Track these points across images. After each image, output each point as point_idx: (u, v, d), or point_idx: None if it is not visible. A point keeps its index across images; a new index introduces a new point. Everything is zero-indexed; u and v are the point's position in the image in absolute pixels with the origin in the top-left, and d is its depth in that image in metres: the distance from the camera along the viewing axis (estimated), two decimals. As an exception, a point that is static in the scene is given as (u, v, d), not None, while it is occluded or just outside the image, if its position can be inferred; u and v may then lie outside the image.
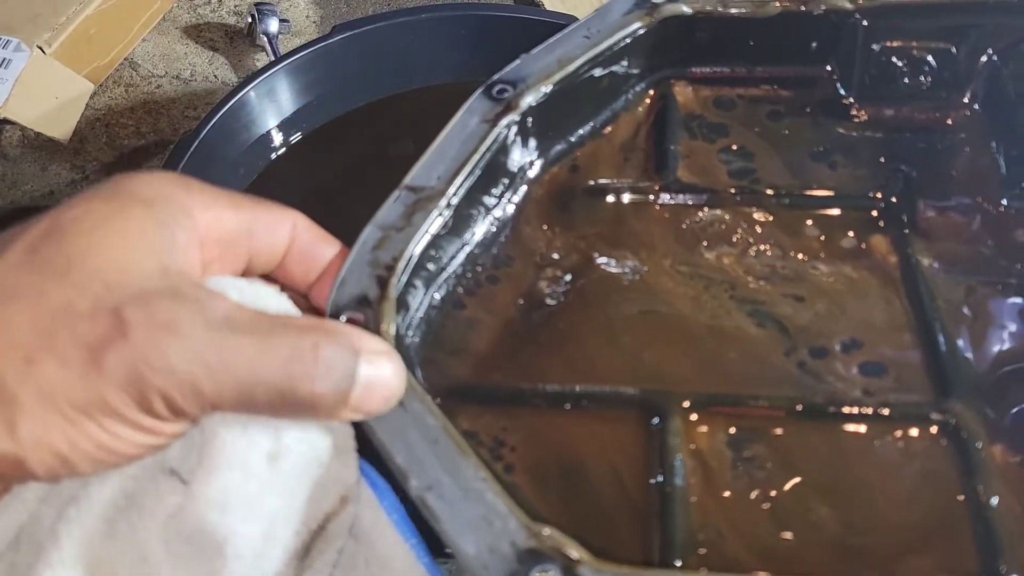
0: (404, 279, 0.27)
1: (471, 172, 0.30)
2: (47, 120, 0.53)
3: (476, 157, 0.30)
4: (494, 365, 0.29)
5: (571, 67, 0.33)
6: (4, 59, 0.51)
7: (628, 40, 0.34)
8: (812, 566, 0.25)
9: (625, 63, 0.35)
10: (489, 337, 0.30)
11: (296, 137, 0.52)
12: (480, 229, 0.32)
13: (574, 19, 0.53)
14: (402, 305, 0.27)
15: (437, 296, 0.30)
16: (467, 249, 0.31)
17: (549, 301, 0.31)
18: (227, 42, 0.63)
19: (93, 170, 0.55)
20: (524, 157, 0.34)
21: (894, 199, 0.33)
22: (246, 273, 0.26)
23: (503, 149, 0.32)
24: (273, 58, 0.57)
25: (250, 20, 0.61)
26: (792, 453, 0.27)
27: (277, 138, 0.52)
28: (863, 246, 0.32)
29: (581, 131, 0.35)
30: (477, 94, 0.32)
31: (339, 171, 0.52)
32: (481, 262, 0.32)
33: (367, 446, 0.25)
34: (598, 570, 0.22)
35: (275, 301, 0.25)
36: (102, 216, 0.22)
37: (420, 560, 0.27)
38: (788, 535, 0.26)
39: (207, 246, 0.24)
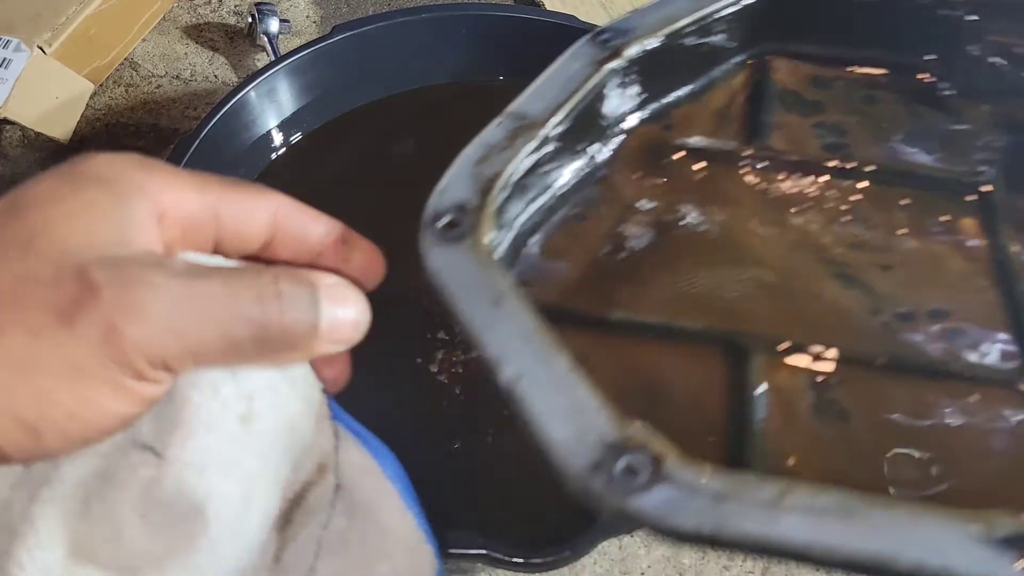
0: (503, 195, 0.28)
1: (571, 110, 0.30)
2: (47, 120, 0.53)
3: (578, 96, 0.31)
4: (577, 293, 0.30)
5: (676, 25, 0.33)
6: (4, 59, 0.51)
7: (735, 9, 0.34)
8: None
9: (728, 32, 0.35)
10: (573, 267, 0.30)
11: (296, 137, 0.52)
12: (573, 166, 0.32)
13: (574, 19, 0.54)
14: (496, 220, 0.28)
15: (527, 220, 0.31)
16: (559, 182, 0.31)
17: (633, 244, 0.32)
18: (227, 42, 0.63)
19: (93, 170, 0.55)
20: (621, 106, 0.34)
21: (988, 188, 0.34)
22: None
23: (602, 95, 0.32)
24: (273, 58, 0.57)
25: (250, 20, 0.61)
26: (873, 402, 0.27)
27: (277, 138, 0.52)
28: (953, 227, 0.33)
29: (678, 92, 0.35)
30: (583, 40, 0.32)
31: (339, 171, 0.52)
32: (570, 198, 0.32)
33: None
34: (684, 465, 0.21)
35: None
36: (61, 194, 0.22)
37: (421, 528, 0.27)
38: (864, 476, 0.25)
39: (168, 226, 0.23)
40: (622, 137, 0.34)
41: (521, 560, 0.34)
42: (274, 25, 0.60)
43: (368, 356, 0.45)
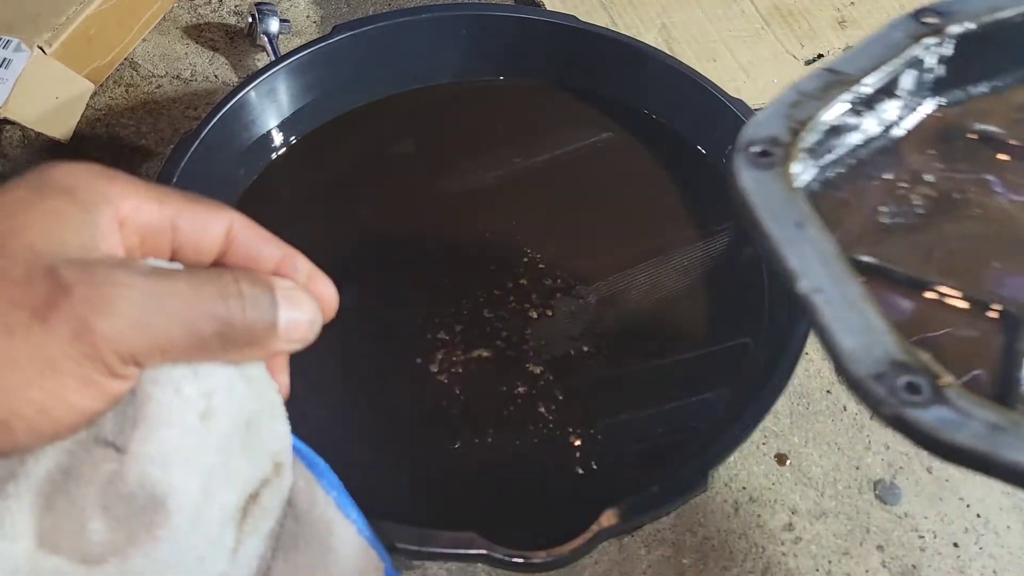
0: (811, 138, 0.30)
1: (884, 76, 0.32)
2: (47, 120, 0.53)
3: (892, 64, 0.33)
4: (857, 245, 0.30)
5: (1000, 15, 0.33)
6: (4, 59, 0.51)
7: None
8: None
9: None
10: (857, 221, 0.32)
11: (296, 137, 0.52)
12: (871, 128, 0.33)
13: (574, 19, 0.54)
14: (801, 157, 0.30)
15: (824, 168, 0.32)
16: (855, 140, 0.33)
17: (918, 211, 0.32)
18: (227, 42, 0.63)
19: (93, 170, 0.55)
20: (928, 81, 0.34)
21: None
22: None
23: (914, 67, 0.34)
24: (273, 58, 0.57)
25: (250, 20, 0.61)
26: None
27: (277, 138, 0.52)
28: None
29: (984, 84, 0.36)
30: (905, 15, 0.34)
31: (339, 171, 0.52)
32: (862, 156, 0.33)
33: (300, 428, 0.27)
34: (965, 394, 0.23)
35: None
36: (30, 201, 0.23)
37: (362, 534, 0.28)
38: None
39: (127, 233, 0.25)
40: (920, 111, 0.35)
41: (521, 560, 0.34)
42: (274, 25, 0.60)
43: (368, 356, 0.45)
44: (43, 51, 0.52)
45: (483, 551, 0.34)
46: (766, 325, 0.45)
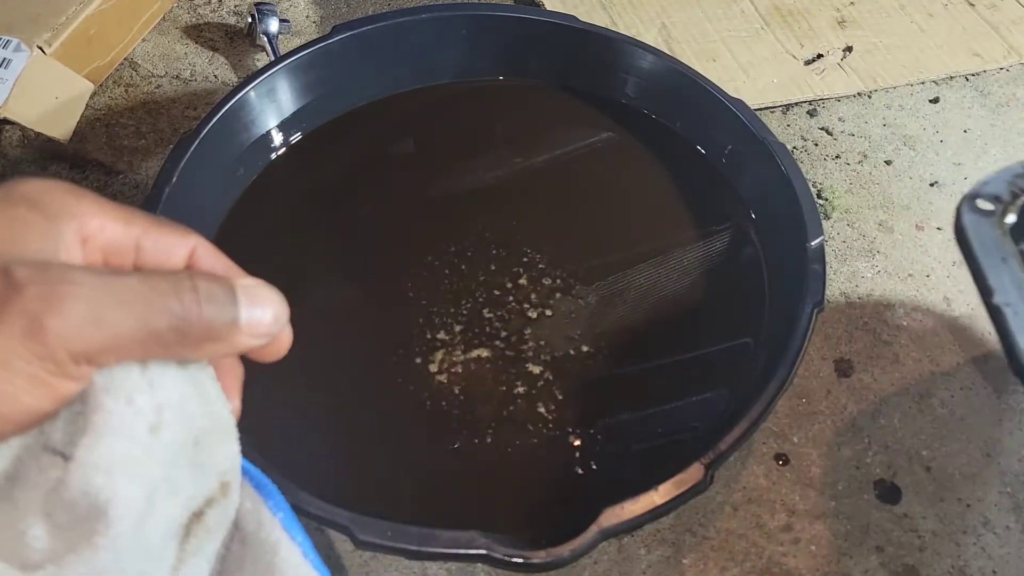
0: (1020, 202, 0.38)
1: None
2: (47, 120, 0.53)
3: None
4: None
5: None
6: (4, 59, 0.51)
7: None
8: None
9: None
10: None
11: (296, 137, 0.52)
12: None
13: (574, 19, 0.54)
14: (1014, 213, 0.38)
15: None
16: None
17: None
18: (227, 42, 0.63)
19: (93, 170, 0.55)
20: None
21: None
22: None
23: None
24: (273, 58, 0.57)
25: (250, 20, 0.61)
26: None
27: (277, 138, 0.52)
28: None
29: None
30: None
31: (339, 171, 0.52)
32: None
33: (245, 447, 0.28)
34: None
35: None
36: None
37: (307, 556, 0.28)
38: None
39: (90, 249, 0.25)
40: None
41: (521, 560, 0.34)
42: (274, 25, 0.60)
43: (369, 356, 0.45)
44: (43, 51, 0.52)
45: (483, 551, 0.34)
46: (766, 325, 0.45)
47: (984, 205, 0.38)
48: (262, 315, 0.26)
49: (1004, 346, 0.34)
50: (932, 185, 0.58)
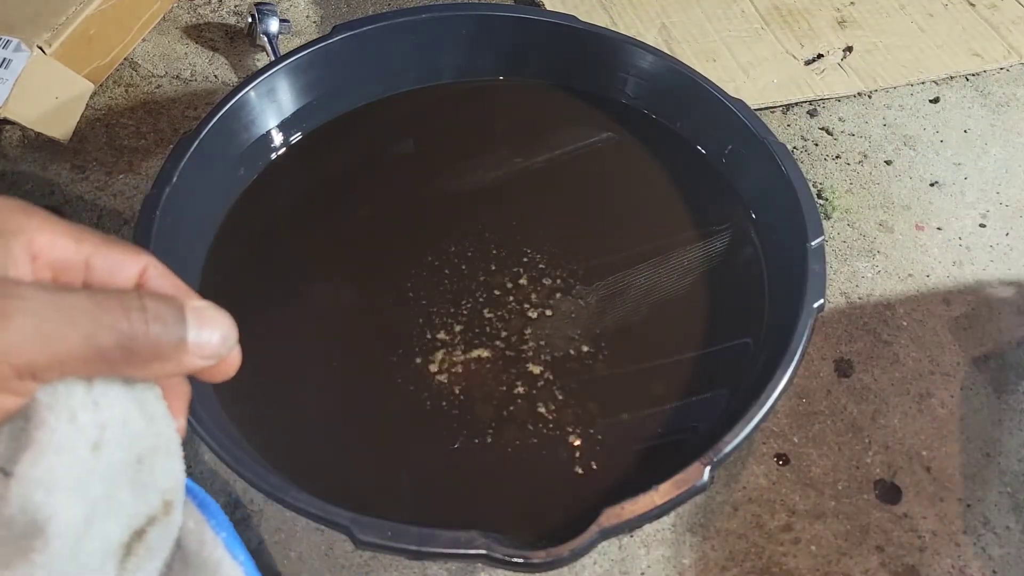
0: None
1: None
2: (47, 120, 0.53)
3: None
4: None
5: None
6: (4, 59, 0.51)
7: None
8: None
9: None
10: None
11: (296, 137, 0.52)
12: None
13: (574, 19, 0.54)
14: None
15: None
16: None
17: None
18: (227, 42, 0.63)
19: (93, 170, 0.55)
20: None
21: None
22: None
23: None
24: (273, 58, 0.57)
25: (250, 20, 0.61)
26: None
27: (277, 138, 0.52)
28: None
29: None
30: None
31: (339, 171, 0.52)
32: None
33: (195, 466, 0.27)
34: None
35: None
36: None
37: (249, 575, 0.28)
38: None
39: (39, 267, 0.25)
40: None
41: (521, 560, 0.34)
42: (274, 25, 0.60)
43: (368, 356, 0.45)
44: (43, 51, 0.52)
45: (483, 551, 0.34)
46: (766, 325, 0.45)
47: None
48: (210, 336, 0.26)
49: None
50: (932, 185, 0.58)
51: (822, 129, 0.60)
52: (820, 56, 0.63)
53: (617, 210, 0.51)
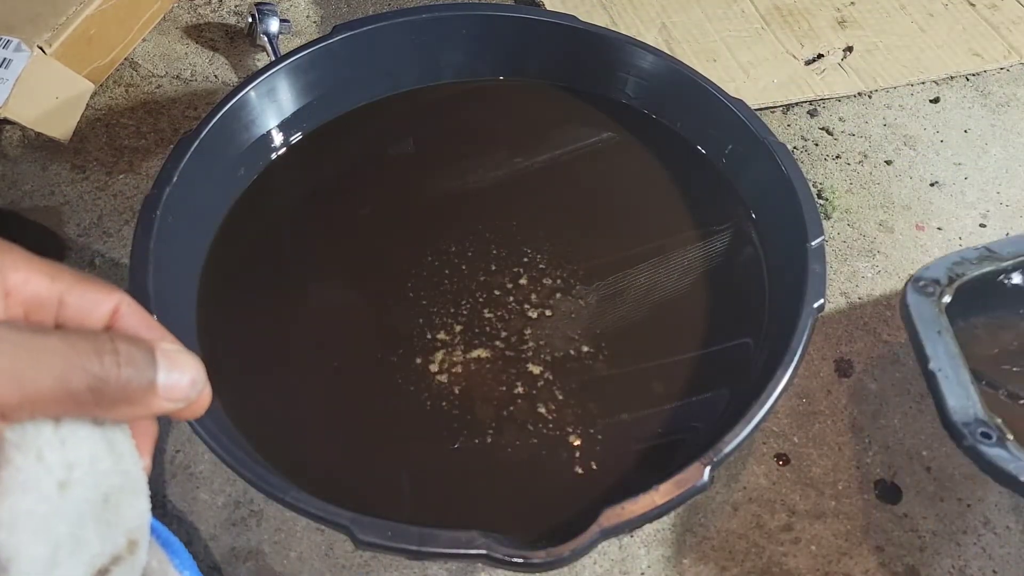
0: (957, 285, 0.45)
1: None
2: (47, 120, 0.53)
3: None
4: (981, 360, 0.46)
5: None
6: (4, 59, 0.51)
7: None
8: None
9: None
10: (985, 344, 0.47)
11: (296, 137, 0.52)
12: (1007, 290, 0.47)
13: (574, 19, 0.54)
14: (950, 295, 0.44)
15: (967, 304, 0.45)
16: (993, 298, 0.47)
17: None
18: (227, 42, 0.63)
19: (93, 170, 0.55)
20: None
21: None
22: None
23: None
24: (273, 58, 0.57)
25: (250, 20, 0.61)
26: None
27: (277, 138, 0.52)
28: None
29: None
30: None
31: (339, 171, 0.52)
32: (992, 309, 0.48)
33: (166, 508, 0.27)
34: (1016, 446, 0.38)
35: None
36: None
37: None
38: None
39: (12, 304, 0.25)
40: None
41: (521, 560, 0.34)
42: (274, 25, 0.60)
43: (369, 356, 0.45)
44: (43, 51, 0.52)
45: (483, 551, 0.34)
46: (766, 325, 0.45)
47: (925, 287, 0.45)
48: (179, 379, 0.26)
49: (935, 403, 0.41)
50: (932, 185, 0.58)
51: (822, 129, 0.60)
52: (820, 56, 0.63)
53: (617, 210, 0.51)
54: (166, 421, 0.45)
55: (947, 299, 0.44)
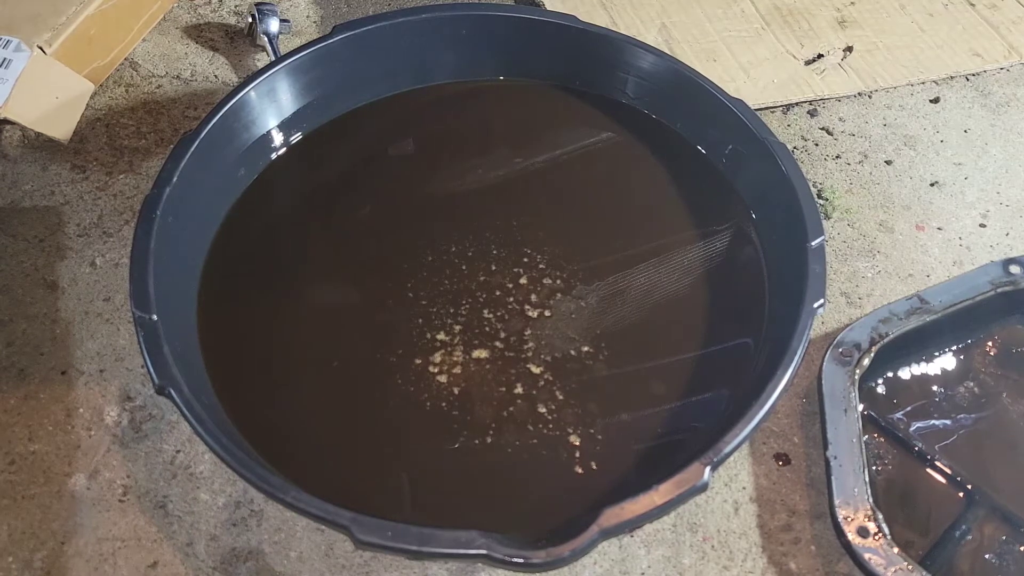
0: (881, 346, 0.45)
1: (960, 310, 0.46)
2: (47, 120, 0.53)
3: (969, 303, 0.46)
4: (904, 418, 0.46)
5: None
6: (4, 59, 0.51)
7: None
8: None
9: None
10: (911, 402, 0.47)
11: (296, 137, 0.52)
12: (938, 345, 0.48)
13: (574, 19, 0.54)
14: (871, 359, 0.45)
15: (891, 364, 0.47)
16: (926, 349, 0.47)
17: (960, 401, 0.46)
18: (227, 42, 0.63)
19: (93, 170, 0.55)
20: (995, 316, 0.48)
21: None
22: None
23: (986, 307, 0.47)
24: (273, 58, 0.57)
25: (250, 20, 0.61)
26: None
27: (277, 138, 0.52)
28: None
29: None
30: (994, 263, 0.48)
31: (339, 171, 0.52)
32: (927, 358, 0.48)
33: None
34: (888, 546, 0.39)
35: None
36: None
37: None
38: None
39: None
40: (984, 336, 0.48)
41: (521, 560, 0.34)
42: (274, 25, 0.60)
43: (369, 356, 0.45)
44: (43, 51, 0.52)
45: (483, 551, 0.34)
46: (766, 325, 0.45)
47: (844, 355, 0.44)
48: None
49: (828, 494, 0.41)
50: (932, 185, 0.58)
51: (822, 129, 0.60)
52: (820, 56, 0.63)
53: (617, 210, 0.51)
54: (166, 421, 0.45)
55: (867, 362, 0.44)
